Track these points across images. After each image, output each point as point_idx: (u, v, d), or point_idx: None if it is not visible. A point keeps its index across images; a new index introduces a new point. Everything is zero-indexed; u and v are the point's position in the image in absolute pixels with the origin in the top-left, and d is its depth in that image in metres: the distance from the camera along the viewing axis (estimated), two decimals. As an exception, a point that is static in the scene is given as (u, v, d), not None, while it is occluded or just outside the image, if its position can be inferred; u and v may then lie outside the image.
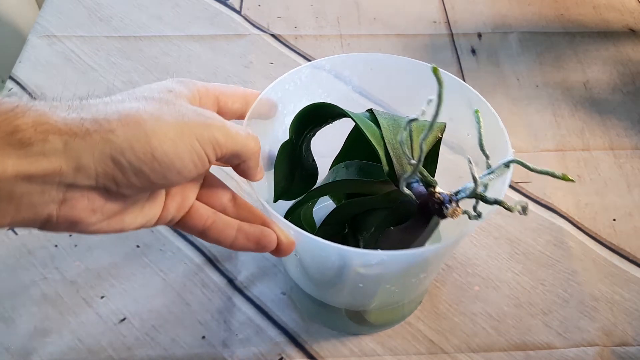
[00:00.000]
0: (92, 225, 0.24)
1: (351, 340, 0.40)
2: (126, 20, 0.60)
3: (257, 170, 0.29)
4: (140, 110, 0.23)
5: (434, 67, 0.24)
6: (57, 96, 0.25)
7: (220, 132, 0.25)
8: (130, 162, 0.22)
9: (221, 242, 0.29)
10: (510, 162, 0.27)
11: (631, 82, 0.58)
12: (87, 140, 0.22)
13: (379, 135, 0.31)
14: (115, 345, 0.39)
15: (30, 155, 0.20)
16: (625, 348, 0.40)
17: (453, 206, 0.27)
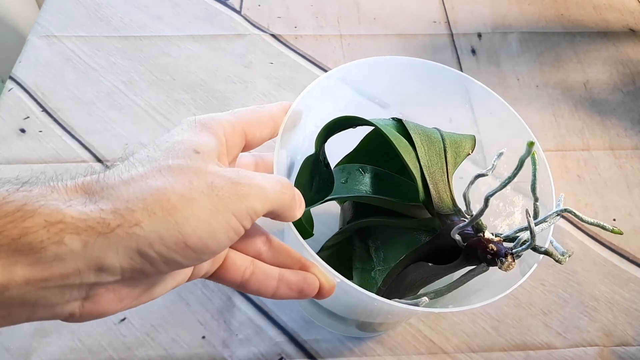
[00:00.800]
0: (120, 309, 0.22)
1: (351, 340, 0.40)
2: (126, 20, 0.60)
3: (294, 214, 0.26)
4: (167, 191, 0.20)
5: (530, 142, 0.22)
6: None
7: (257, 199, 0.22)
8: (160, 253, 0.20)
9: (261, 292, 0.27)
10: (564, 211, 0.26)
11: (631, 82, 0.58)
12: (109, 237, 0.19)
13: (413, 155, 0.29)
14: (115, 345, 0.39)
15: (43, 262, 0.18)
16: (625, 348, 0.40)
17: (509, 261, 0.26)
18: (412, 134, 0.30)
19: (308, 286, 0.27)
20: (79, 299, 0.20)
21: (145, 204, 0.20)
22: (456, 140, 0.31)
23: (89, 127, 0.51)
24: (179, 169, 0.21)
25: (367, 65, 0.34)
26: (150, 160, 0.22)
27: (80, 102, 0.53)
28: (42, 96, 0.53)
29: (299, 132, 0.33)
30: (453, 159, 0.30)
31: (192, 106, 0.53)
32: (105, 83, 0.54)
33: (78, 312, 0.20)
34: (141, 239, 0.19)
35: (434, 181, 0.29)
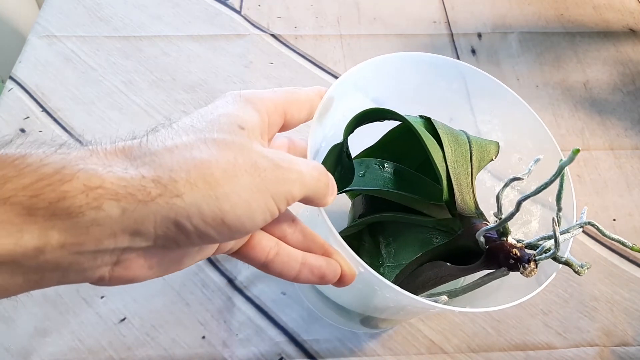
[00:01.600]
0: (149, 277, 0.22)
1: (351, 341, 0.40)
2: (126, 20, 0.60)
3: (327, 200, 0.26)
4: (211, 164, 0.20)
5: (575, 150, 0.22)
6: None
7: (295, 185, 0.23)
8: (197, 227, 0.20)
9: (284, 275, 0.27)
10: (586, 224, 0.26)
11: (631, 82, 0.58)
12: (149, 206, 0.19)
13: (441, 154, 0.29)
14: (115, 345, 0.39)
15: (81, 226, 0.18)
16: (625, 348, 0.40)
17: (531, 267, 0.25)
18: (441, 134, 0.29)
19: (331, 272, 0.27)
20: (110, 264, 0.20)
21: (188, 175, 0.19)
22: (482, 144, 0.31)
23: (89, 127, 0.51)
24: (224, 143, 0.21)
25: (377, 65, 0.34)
26: (195, 131, 0.21)
27: (80, 102, 0.53)
28: (42, 96, 0.53)
29: (328, 120, 0.32)
30: (477, 162, 0.30)
31: (192, 106, 0.53)
32: (105, 83, 0.54)
33: (108, 276, 0.20)
34: (180, 210, 0.19)
35: (458, 182, 0.29)
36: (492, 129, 0.36)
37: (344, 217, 0.41)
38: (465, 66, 0.34)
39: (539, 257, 0.26)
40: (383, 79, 0.35)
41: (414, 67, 0.35)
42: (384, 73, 0.35)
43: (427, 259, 0.29)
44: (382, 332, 0.40)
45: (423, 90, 0.35)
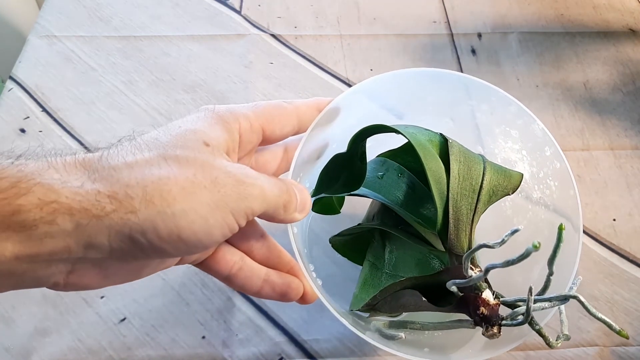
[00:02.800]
0: (104, 285, 0.22)
1: (351, 340, 0.40)
2: (126, 20, 0.60)
3: (292, 216, 0.26)
4: (169, 181, 0.20)
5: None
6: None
7: (256, 201, 0.22)
8: (151, 242, 0.20)
9: (246, 289, 0.27)
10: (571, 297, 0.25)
11: (631, 82, 0.58)
12: (103, 220, 0.19)
13: (444, 182, 0.27)
14: (115, 345, 0.39)
15: (34, 238, 0.18)
16: (625, 348, 0.40)
17: (494, 330, 0.25)
18: (452, 160, 0.28)
19: (291, 291, 0.27)
20: (64, 272, 0.20)
21: (144, 191, 0.19)
22: (498, 177, 0.29)
23: (89, 127, 0.51)
24: (185, 159, 0.21)
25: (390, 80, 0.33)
26: (158, 146, 0.21)
27: (80, 102, 0.53)
28: (42, 96, 0.53)
29: (340, 124, 0.32)
30: (487, 196, 0.28)
31: (192, 106, 0.53)
32: (105, 83, 0.54)
33: (62, 282, 0.20)
34: (135, 226, 0.19)
35: (456, 217, 0.27)
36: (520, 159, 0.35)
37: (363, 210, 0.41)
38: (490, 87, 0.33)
39: (504, 323, 0.25)
40: (403, 91, 0.34)
41: (435, 83, 0.34)
42: (396, 86, 0.34)
43: (409, 285, 0.28)
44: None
45: (448, 105, 0.35)
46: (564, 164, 0.31)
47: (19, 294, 0.41)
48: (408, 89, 0.34)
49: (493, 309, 0.25)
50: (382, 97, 0.35)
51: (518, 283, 0.32)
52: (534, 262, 0.31)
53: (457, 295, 0.27)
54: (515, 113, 0.33)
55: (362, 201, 0.41)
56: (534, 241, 0.21)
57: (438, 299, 0.27)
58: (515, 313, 0.25)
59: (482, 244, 0.24)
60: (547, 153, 0.32)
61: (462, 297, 0.26)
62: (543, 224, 0.33)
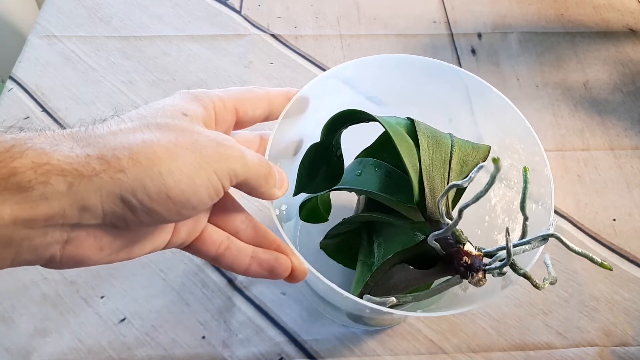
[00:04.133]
0: (99, 260, 0.22)
1: (351, 340, 0.40)
2: (126, 20, 0.60)
3: (272, 191, 0.27)
4: (153, 143, 0.21)
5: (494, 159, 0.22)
6: (59, 124, 0.23)
7: (238, 162, 0.24)
8: (142, 202, 0.21)
9: (234, 268, 0.27)
10: (550, 236, 0.25)
11: (631, 82, 0.58)
12: (94, 180, 0.20)
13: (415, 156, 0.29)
14: (115, 345, 0.39)
15: (30, 200, 0.19)
16: (625, 348, 0.40)
17: (479, 275, 0.25)
18: (420, 136, 0.29)
19: (279, 266, 0.27)
20: (61, 242, 0.21)
21: (131, 152, 0.20)
22: (467, 148, 0.31)
23: (89, 127, 0.51)
24: (166, 126, 0.22)
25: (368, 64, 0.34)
26: (140, 117, 0.23)
27: (80, 102, 0.53)
28: (42, 96, 0.53)
29: (309, 118, 0.33)
30: (459, 166, 0.30)
31: (192, 106, 0.53)
32: (105, 83, 0.54)
33: (59, 255, 0.21)
34: (125, 185, 0.20)
35: (431, 186, 0.28)
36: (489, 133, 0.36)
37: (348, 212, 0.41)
38: (462, 72, 0.34)
39: (488, 268, 0.25)
40: (380, 78, 0.35)
41: (411, 69, 0.35)
42: (380, 73, 0.35)
43: (397, 261, 0.29)
44: (379, 331, 0.40)
45: (422, 91, 0.35)
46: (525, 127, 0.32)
47: (19, 294, 0.41)
48: (387, 77, 0.35)
49: (475, 258, 0.26)
50: (360, 86, 0.35)
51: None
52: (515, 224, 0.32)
53: (441, 255, 0.27)
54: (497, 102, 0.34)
55: (349, 208, 0.41)
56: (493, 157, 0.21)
57: (425, 267, 0.28)
58: (497, 257, 0.26)
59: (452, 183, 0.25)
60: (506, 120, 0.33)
61: (446, 256, 0.27)
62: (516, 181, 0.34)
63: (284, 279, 0.28)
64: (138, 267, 0.43)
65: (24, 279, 0.42)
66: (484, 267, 0.26)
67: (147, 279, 0.42)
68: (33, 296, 0.41)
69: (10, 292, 0.41)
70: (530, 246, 0.26)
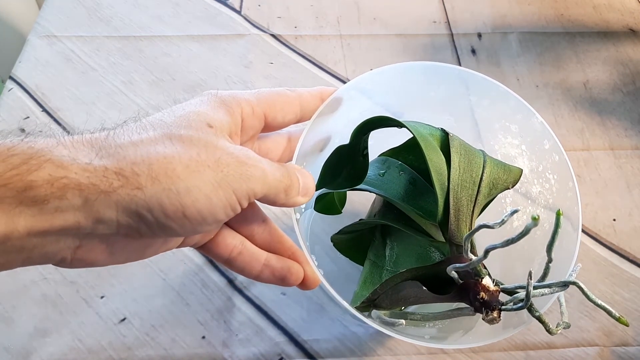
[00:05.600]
0: (110, 263, 0.22)
1: (351, 340, 0.40)
2: (126, 20, 0.60)
3: (294, 200, 0.26)
4: (174, 160, 0.21)
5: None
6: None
7: (258, 183, 0.23)
8: (158, 219, 0.20)
9: (245, 273, 0.27)
10: (570, 283, 0.25)
11: (631, 82, 0.58)
12: (111, 196, 0.19)
13: (444, 174, 0.28)
14: (115, 345, 0.39)
15: (46, 213, 0.19)
16: (625, 348, 0.40)
17: (494, 314, 0.25)
18: (452, 152, 0.28)
19: (291, 276, 0.27)
20: (72, 247, 0.20)
21: (150, 168, 0.20)
22: (498, 171, 0.30)
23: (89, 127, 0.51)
24: (189, 139, 0.22)
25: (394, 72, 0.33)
26: (162, 125, 0.22)
27: (80, 102, 0.53)
28: (42, 96, 0.53)
29: (340, 117, 0.32)
30: (487, 189, 0.29)
31: (192, 106, 0.53)
32: (105, 83, 0.54)
33: (70, 258, 0.21)
34: (141, 202, 0.20)
35: (456, 207, 0.27)
36: (520, 154, 0.35)
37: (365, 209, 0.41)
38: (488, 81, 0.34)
39: (504, 308, 0.25)
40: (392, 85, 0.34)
41: (436, 77, 0.34)
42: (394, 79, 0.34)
43: (410, 277, 0.28)
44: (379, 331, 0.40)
45: (449, 100, 0.35)
46: (562, 157, 0.31)
47: (19, 294, 0.41)
48: (405, 85, 0.34)
49: (493, 294, 0.25)
50: (380, 94, 0.35)
51: (519, 276, 0.32)
52: (535, 252, 0.31)
53: (457, 283, 0.27)
54: (515, 107, 0.33)
55: (364, 202, 0.41)
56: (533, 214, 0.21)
57: (438, 289, 0.28)
58: (515, 298, 0.25)
59: (482, 224, 0.24)
60: (546, 146, 0.32)
61: (462, 285, 0.26)
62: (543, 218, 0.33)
63: (296, 286, 0.28)
64: (138, 267, 0.43)
65: (24, 279, 0.42)
66: (500, 307, 0.25)
67: (147, 279, 0.42)
68: (33, 296, 0.41)
69: (10, 292, 0.41)
70: (549, 290, 0.25)
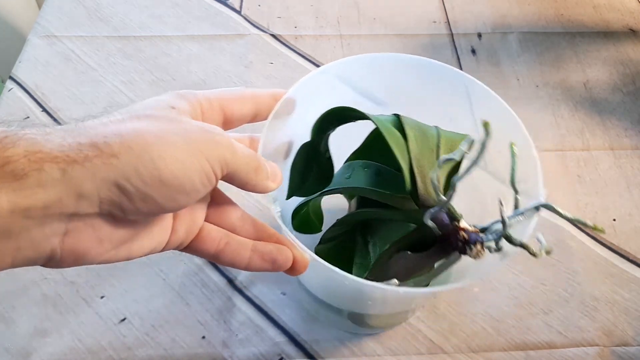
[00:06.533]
0: (100, 256, 0.22)
1: (351, 341, 0.40)
2: (126, 20, 0.60)
3: (265, 183, 0.27)
4: (143, 130, 0.22)
5: (485, 122, 0.23)
6: (59, 124, 0.23)
7: (227, 150, 0.24)
8: (137, 188, 0.21)
9: (235, 264, 0.27)
10: (542, 206, 0.26)
11: (631, 82, 0.58)
12: (87, 166, 0.20)
13: (404, 147, 0.29)
14: (115, 345, 0.39)
15: (26, 188, 0.19)
16: (625, 348, 0.40)
17: (478, 248, 0.26)
18: (406, 128, 0.30)
19: (281, 257, 0.27)
20: (59, 234, 0.21)
21: (122, 139, 0.21)
22: (452, 139, 0.31)
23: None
24: (155, 117, 0.23)
25: (365, 62, 0.34)
26: (129, 111, 0.24)
27: (80, 102, 0.53)
28: (42, 96, 0.53)
29: (299, 120, 0.33)
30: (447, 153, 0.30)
31: (192, 106, 0.53)
32: (105, 83, 0.54)
33: (59, 249, 0.21)
34: (118, 170, 0.20)
35: (422, 173, 0.29)
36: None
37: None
38: (458, 72, 0.34)
39: (485, 239, 0.26)
40: (378, 77, 0.35)
41: (408, 69, 0.35)
42: (377, 71, 0.35)
43: (395, 250, 0.29)
44: (380, 332, 0.40)
45: (420, 91, 0.36)
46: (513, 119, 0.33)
47: (19, 294, 0.41)
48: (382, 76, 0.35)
49: (472, 232, 0.27)
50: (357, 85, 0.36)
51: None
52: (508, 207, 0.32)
53: (437, 235, 0.28)
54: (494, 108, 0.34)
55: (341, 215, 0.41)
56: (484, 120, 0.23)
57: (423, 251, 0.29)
58: (492, 228, 0.27)
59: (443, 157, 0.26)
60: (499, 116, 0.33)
61: (442, 235, 0.28)
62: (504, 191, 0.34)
63: (286, 271, 0.28)
64: (138, 267, 0.43)
65: (24, 279, 0.42)
66: (481, 240, 0.26)
67: (147, 279, 0.42)
68: (33, 296, 0.41)
69: (10, 292, 0.41)
70: (523, 217, 0.26)
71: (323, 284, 0.37)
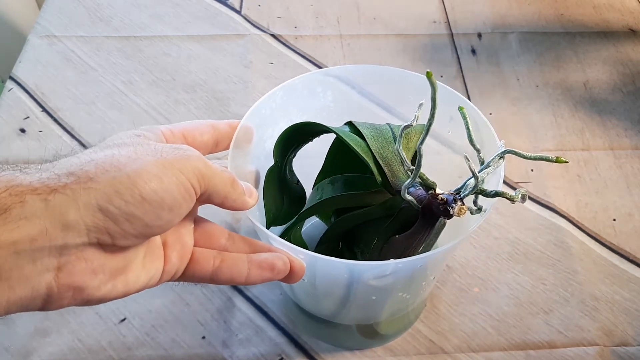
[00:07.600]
0: (97, 290, 0.22)
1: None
2: (126, 20, 0.60)
3: (243, 199, 0.27)
4: (116, 155, 0.22)
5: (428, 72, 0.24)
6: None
7: (200, 161, 0.24)
8: (120, 208, 0.21)
9: (235, 279, 0.27)
10: (505, 152, 0.28)
11: (631, 82, 0.58)
12: (67, 193, 0.20)
13: (364, 146, 0.31)
14: (115, 345, 0.39)
15: (10, 221, 0.19)
16: (625, 348, 0.40)
17: (458, 205, 0.27)
18: (362, 129, 0.32)
19: (279, 261, 0.27)
20: (52, 269, 0.21)
21: (96, 164, 0.22)
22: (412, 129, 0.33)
23: (89, 127, 0.51)
24: (125, 143, 0.24)
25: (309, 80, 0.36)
26: (99, 145, 0.25)
27: (80, 102, 0.53)
28: (42, 96, 0.53)
29: (260, 147, 0.34)
30: (405, 144, 0.32)
31: (192, 106, 0.53)
32: (105, 83, 0.54)
33: (54, 285, 0.21)
34: (98, 193, 0.21)
35: (387, 163, 0.31)
36: None
37: None
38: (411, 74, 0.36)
39: (463, 194, 0.27)
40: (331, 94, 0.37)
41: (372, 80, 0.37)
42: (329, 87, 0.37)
43: (383, 242, 0.30)
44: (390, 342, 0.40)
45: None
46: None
47: (19, 294, 0.41)
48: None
49: (449, 195, 0.28)
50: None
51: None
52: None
53: (417, 208, 0.29)
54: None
55: None
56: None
57: None
58: (466, 185, 0.28)
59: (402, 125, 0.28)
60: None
61: (423, 206, 0.28)
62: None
63: (285, 278, 0.28)
64: (138, 267, 0.43)
65: (24, 279, 0.42)
66: (459, 197, 0.28)
67: (147, 279, 0.42)
68: (33, 296, 0.41)
69: (10, 292, 0.41)
70: (492, 168, 0.28)
71: (326, 296, 0.37)
